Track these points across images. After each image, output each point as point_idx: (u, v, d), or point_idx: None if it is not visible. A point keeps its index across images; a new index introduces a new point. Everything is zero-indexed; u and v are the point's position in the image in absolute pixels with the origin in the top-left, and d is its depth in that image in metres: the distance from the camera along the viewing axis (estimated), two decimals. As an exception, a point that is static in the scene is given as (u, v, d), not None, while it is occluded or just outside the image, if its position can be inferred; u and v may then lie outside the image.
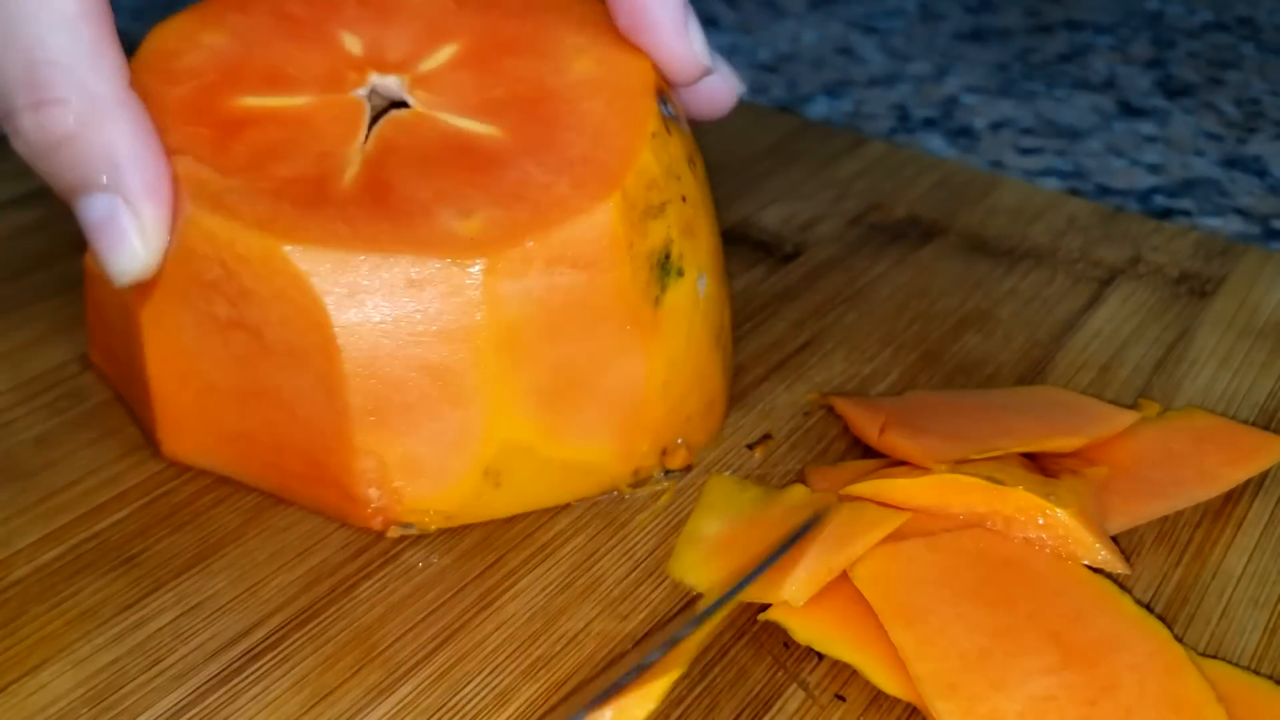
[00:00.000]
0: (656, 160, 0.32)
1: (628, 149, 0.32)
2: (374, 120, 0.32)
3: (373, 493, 0.31)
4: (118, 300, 0.32)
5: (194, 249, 0.30)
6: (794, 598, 0.28)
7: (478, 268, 0.29)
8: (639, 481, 0.34)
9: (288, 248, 0.29)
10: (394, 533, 0.31)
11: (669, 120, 0.33)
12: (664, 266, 0.32)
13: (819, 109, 0.62)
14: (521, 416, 0.31)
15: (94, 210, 0.30)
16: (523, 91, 0.33)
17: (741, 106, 0.35)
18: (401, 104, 0.33)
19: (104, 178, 0.29)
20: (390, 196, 0.30)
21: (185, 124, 0.32)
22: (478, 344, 0.30)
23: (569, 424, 0.31)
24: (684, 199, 0.33)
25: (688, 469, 0.34)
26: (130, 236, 0.30)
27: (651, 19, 0.33)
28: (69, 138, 0.29)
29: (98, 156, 0.29)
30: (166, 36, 0.34)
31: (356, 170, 0.31)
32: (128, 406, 0.36)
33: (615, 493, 0.33)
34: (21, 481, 0.33)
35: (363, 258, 0.29)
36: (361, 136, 0.32)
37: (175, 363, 0.32)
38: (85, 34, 0.29)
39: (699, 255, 0.34)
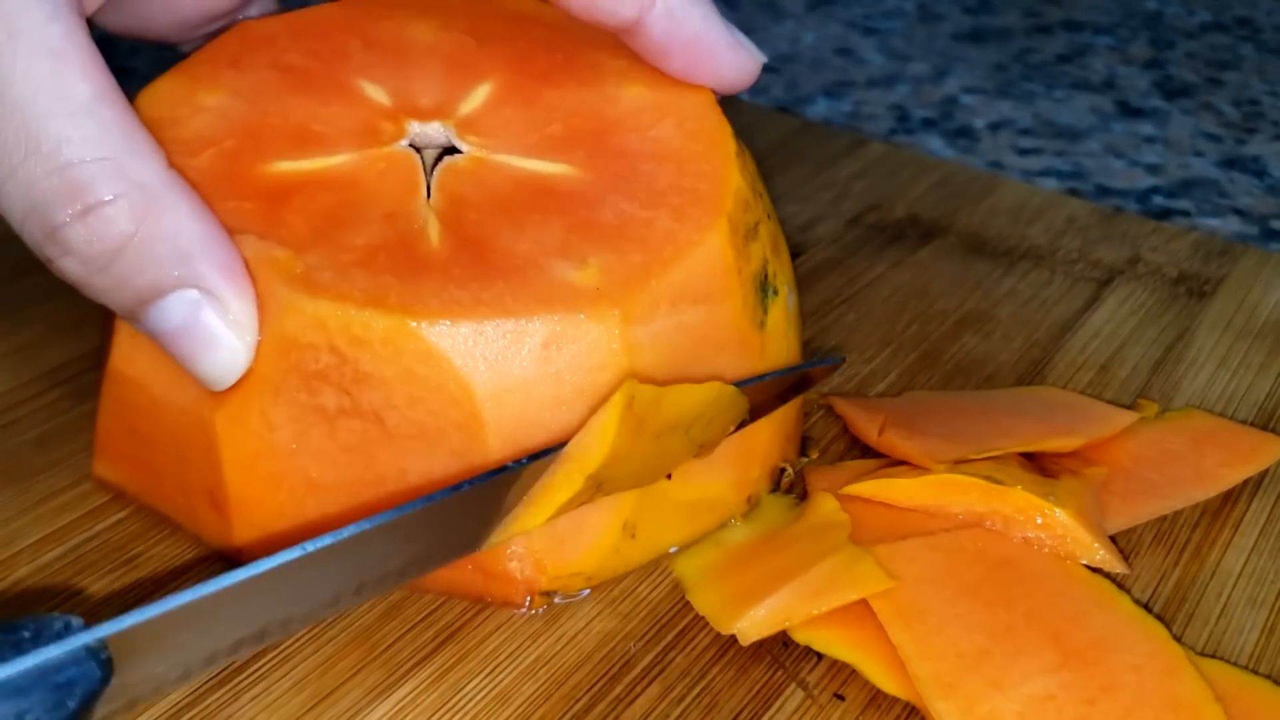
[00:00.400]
0: (743, 179, 0.31)
1: (717, 173, 0.30)
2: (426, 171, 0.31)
3: (515, 566, 0.29)
4: (170, 406, 0.29)
5: (294, 338, 0.27)
6: (743, 635, 0.28)
7: (615, 318, 0.27)
8: (751, 509, 0.32)
9: (415, 324, 0.26)
10: (538, 604, 0.30)
11: (737, 137, 0.32)
12: (763, 288, 0.31)
13: (819, 110, 0.62)
14: None
15: (172, 313, 0.26)
16: (581, 125, 0.32)
17: (741, 107, 0.35)
18: (450, 150, 0.31)
19: (176, 272, 0.26)
20: (489, 253, 0.28)
21: (223, 199, 0.28)
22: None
23: (693, 464, 0.30)
24: (769, 215, 0.32)
25: (789, 489, 0.33)
26: (221, 332, 0.26)
27: (707, 46, 0.32)
28: (127, 238, 0.26)
29: (164, 251, 0.26)
30: (156, 103, 0.31)
31: (438, 229, 0.29)
32: (171, 522, 0.32)
33: (733, 522, 0.32)
34: (23, 482, 0.33)
35: (495, 324, 0.27)
36: (423, 191, 0.30)
37: (263, 464, 0.28)
38: (110, 117, 0.26)
39: (785, 270, 0.33)
